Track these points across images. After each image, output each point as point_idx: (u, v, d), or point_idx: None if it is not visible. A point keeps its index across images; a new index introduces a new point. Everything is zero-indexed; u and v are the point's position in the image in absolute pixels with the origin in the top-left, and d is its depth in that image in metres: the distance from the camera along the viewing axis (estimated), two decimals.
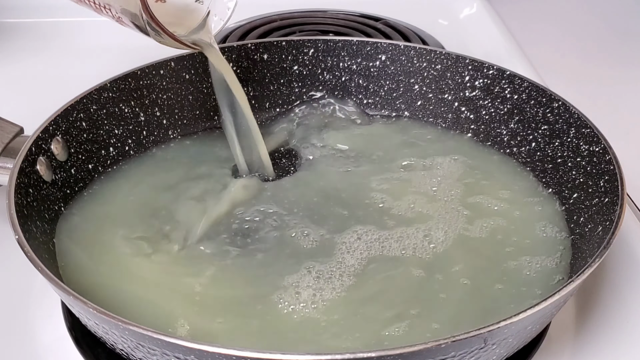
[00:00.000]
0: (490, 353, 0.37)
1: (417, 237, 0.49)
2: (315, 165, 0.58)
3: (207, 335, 0.42)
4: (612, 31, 0.98)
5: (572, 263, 0.48)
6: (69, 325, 0.46)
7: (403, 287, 0.46)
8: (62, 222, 0.51)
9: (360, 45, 0.64)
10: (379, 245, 0.49)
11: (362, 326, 0.43)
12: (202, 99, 0.63)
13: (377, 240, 0.49)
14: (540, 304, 0.36)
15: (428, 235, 0.50)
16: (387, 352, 0.33)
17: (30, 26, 0.91)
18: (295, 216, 0.52)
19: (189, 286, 0.46)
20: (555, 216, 0.52)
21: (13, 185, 0.45)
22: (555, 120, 0.55)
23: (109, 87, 0.57)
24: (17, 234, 0.42)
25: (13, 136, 0.52)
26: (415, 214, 0.52)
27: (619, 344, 0.46)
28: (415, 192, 0.54)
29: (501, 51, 0.82)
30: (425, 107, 0.63)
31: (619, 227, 0.42)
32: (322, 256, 0.48)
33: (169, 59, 0.60)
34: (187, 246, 0.49)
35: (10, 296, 0.50)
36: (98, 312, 0.36)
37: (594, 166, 0.50)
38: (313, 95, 0.65)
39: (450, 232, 0.50)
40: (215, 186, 0.55)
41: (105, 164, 0.57)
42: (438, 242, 0.49)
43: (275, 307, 0.44)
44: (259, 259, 0.48)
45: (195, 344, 0.34)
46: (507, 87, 0.59)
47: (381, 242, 0.49)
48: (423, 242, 0.49)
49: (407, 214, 0.52)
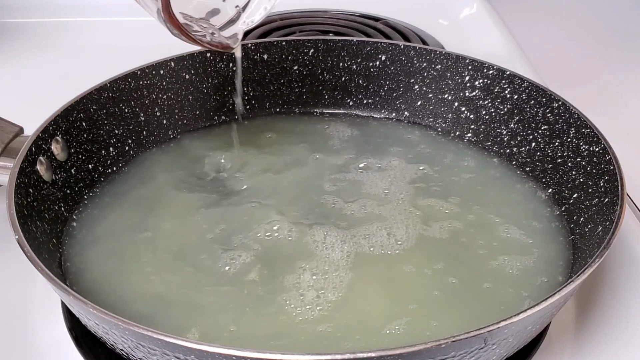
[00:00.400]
0: (491, 353, 0.37)
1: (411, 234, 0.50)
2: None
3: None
4: (612, 31, 0.98)
5: (572, 263, 0.48)
6: (69, 325, 0.46)
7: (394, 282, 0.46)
8: (63, 223, 0.51)
9: (360, 45, 0.64)
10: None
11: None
12: (202, 99, 0.63)
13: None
14: (540, 304, 0.36)
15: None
16: (387, 352, 0.33)
17: (31, 26, 0.91)
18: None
19: (191, 286, 0.46)
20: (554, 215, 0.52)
21: (13, 185, 0.45)
22: (555, 120, 0.55)
23: (109, 87, 0.57)
24: (17, 234, 0.42)
25: (13, 136, 0.52)
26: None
27: (619, 344, 0.46)
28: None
29: (501, 51, 0.82)
30: (425, 107, 0.63)
31: (619, 227, 0.42)
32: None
33: (169, 59, 0.60)
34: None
35: (10, 296, 0.50)
36: (98, 312, 0.36)
37: (594, 166, 0.50)
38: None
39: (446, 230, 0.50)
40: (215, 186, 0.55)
41: (105, 164, 0.57)
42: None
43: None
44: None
45: (195, 344, 0.34)
46: (507, 87, 0.59)
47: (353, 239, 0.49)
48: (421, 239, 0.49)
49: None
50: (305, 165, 0.58)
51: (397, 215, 0.52)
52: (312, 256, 0.48)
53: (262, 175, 0.57)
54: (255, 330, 0.43)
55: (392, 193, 0.54)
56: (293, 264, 0.47)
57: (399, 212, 0.52)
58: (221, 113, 0.64)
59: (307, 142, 0.61)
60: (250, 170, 0.58)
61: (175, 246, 0.50)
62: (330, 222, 0.51)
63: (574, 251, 0.49)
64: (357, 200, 0.53)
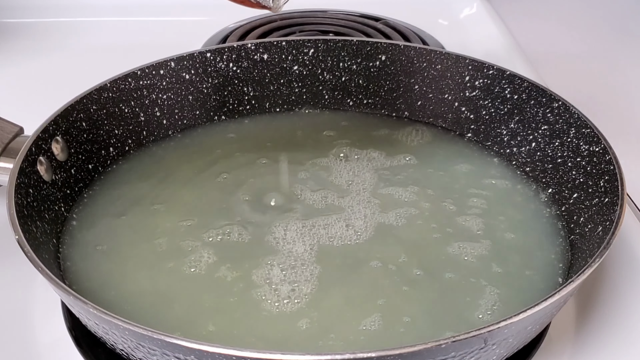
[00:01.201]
0: (491, 353, 0.37)
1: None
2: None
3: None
4: (612, 31, 0.98)
5: (572, 263, 0.48)
6: (69, 325, 0.46)
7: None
8: (63, 223, 0.51)
9: (360, 45, 0.64)
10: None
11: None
12: (202, 99, 0.63)
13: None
14: (540, 304, 0.36)
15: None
16: (387, 352, 0.33)
17: (30, 26, 0.91)
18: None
19: (191, 288, 0.46)
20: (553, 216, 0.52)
21: (13, 186, 0.45)
22: (555, 120, 0.55)
23: (109, 87, 0.57)
24: (17, 234, 0.42)
25: (13, 136, 0.52)
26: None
27: (619, 344, 0.46)
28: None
29: (501, 51, 0.82)
30: (425, 107, 0.63)
31: (619, 227, 0.42)
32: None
33: (168, 59, 0.60)
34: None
35: (10, 296, 0.50)
36: (98, 312, 0.36)
37: (594, 166, 0.50)
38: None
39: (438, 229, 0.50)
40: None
41: (105, 164, 0.57)
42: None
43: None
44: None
45: (196, 344, 0.34)
46: (507, 87, 0.59)
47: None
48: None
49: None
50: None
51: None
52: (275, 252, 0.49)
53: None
54: (233, 329, 0.43)
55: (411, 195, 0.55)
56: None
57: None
58: (221, 113, 0.64)
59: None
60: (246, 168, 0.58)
61: (175, 245, 0.50)
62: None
63: (573, 251, 0.49)
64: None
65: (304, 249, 0.49)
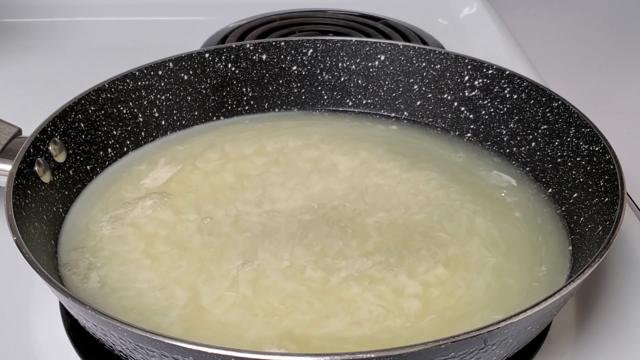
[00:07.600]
0: (490, 354, 0.37)
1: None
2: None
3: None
4: (612, 31, 0.98)
5: (572, 263, 0.48)
6: (67, 326, 0.46)
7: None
8: (61, 224, 0.51)
9: (359, 46, 0.64)
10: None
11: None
12: (201, 99, 0.63)
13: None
14: (540, 304, 0.36)
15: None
16: (386, 352, 0.33)
17: (30, 26, 0.91)
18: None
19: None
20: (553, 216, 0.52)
21: (11, 187, 0.45)
22: (555, 120, 0.55)
23: (107, 88, 0.57)
24: (15, 236, 0.42)
25: (11, 137, 0.52)
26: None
27: (619, 344, 0.46)
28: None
29: (501, 51, 0.82)
30: (425, 107, 0.63)
31: (619, 227, 0.42)
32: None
33: (167, 60, 0.60)
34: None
35: (9, 297, 0.50)
36: (96, 313, 0.36)
37: (593, 166, 0.50)
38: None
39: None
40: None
41: (103, 165, 0.57)
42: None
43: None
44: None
45: (194, 345, 0.34)
46: (506, 87, 0.59)
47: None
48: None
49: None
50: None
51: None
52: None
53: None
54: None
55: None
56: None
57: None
58: (219, 113, 0.64)
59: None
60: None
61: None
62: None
63: (574, 251, 0.49)
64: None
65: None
